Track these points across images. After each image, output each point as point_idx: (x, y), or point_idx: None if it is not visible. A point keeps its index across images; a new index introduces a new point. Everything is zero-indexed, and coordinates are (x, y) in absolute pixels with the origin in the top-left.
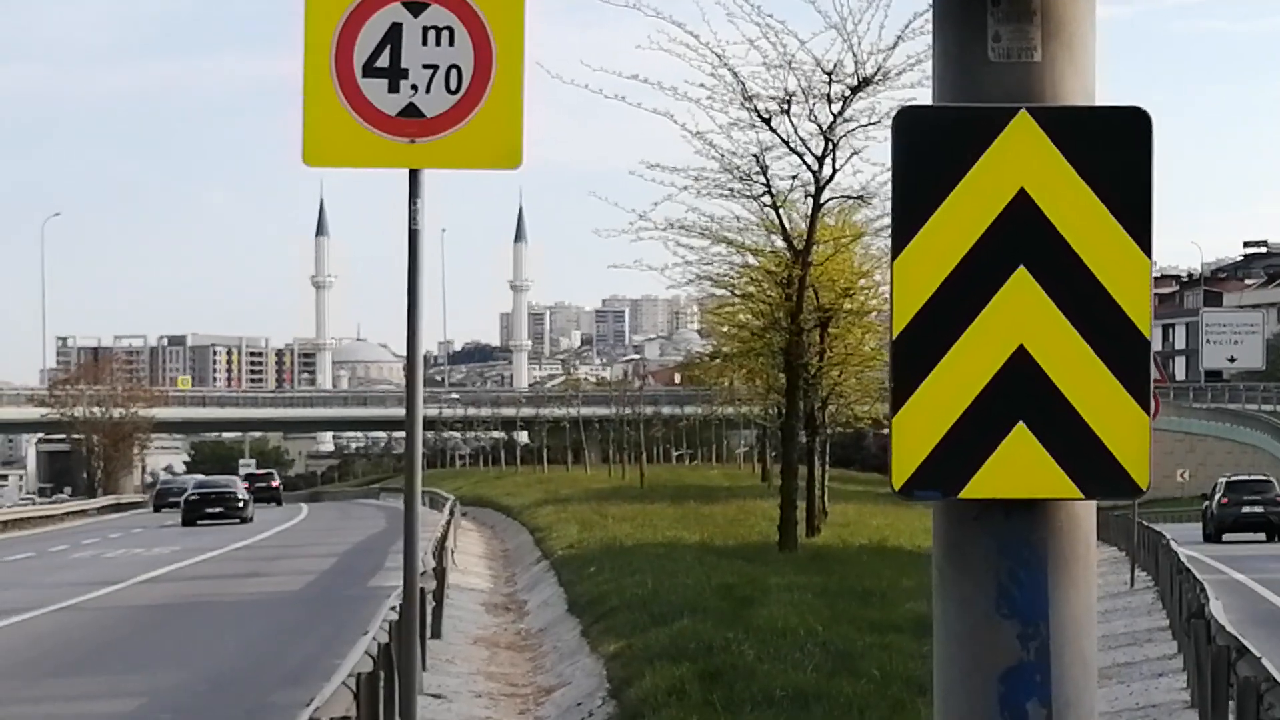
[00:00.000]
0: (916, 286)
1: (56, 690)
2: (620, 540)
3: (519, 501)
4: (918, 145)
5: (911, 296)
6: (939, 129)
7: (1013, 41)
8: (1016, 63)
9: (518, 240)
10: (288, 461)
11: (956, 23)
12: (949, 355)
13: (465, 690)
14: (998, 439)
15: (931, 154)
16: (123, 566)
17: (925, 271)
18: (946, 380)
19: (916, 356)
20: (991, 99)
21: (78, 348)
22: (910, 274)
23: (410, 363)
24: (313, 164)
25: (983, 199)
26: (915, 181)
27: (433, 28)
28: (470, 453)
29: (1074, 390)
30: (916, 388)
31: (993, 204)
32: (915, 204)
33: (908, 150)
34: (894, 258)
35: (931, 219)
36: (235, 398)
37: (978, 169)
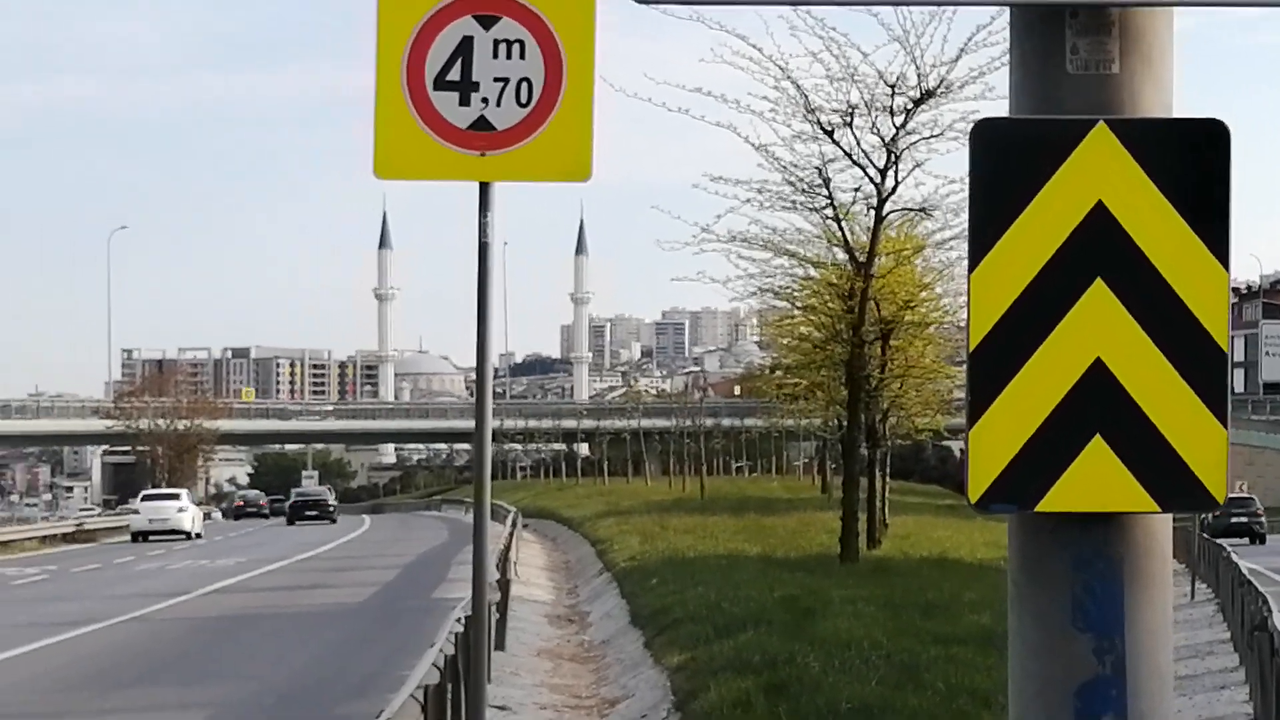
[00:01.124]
0: (994, 299)
1: (124, 702)
2: (682, 552)
3: (580, 513)
4: (996, 157)
5: (989, 309)
6: (1017, 141)
7: (1091, 53)
8: (1095, 74)
9: (579, 253)
10: (350, 473)
11: (1035, 35)
12: (1026, 368)
13: (530, 702)
14: (1074, 452)
15: (1009, 166)
16: (188, 578)
17: (1003, 284)
18: (1023, 393)
19: (994, 369)
20: (1070, 111)
21: (143, 360)
22: (988, 286)
23: (480, 375)
24: (384, 176)
25: (1060, 211)
26: (993, 193)
27: (504, 41)
28: (531, 465)
29: (1151, 403)
30: (993, 400)
31: (1070, 216)
32: (993, 216)
33: (986, 162)
34: (971, 270)
35: (1009, 231)
36: (298, 410)
37: (1055, 181)
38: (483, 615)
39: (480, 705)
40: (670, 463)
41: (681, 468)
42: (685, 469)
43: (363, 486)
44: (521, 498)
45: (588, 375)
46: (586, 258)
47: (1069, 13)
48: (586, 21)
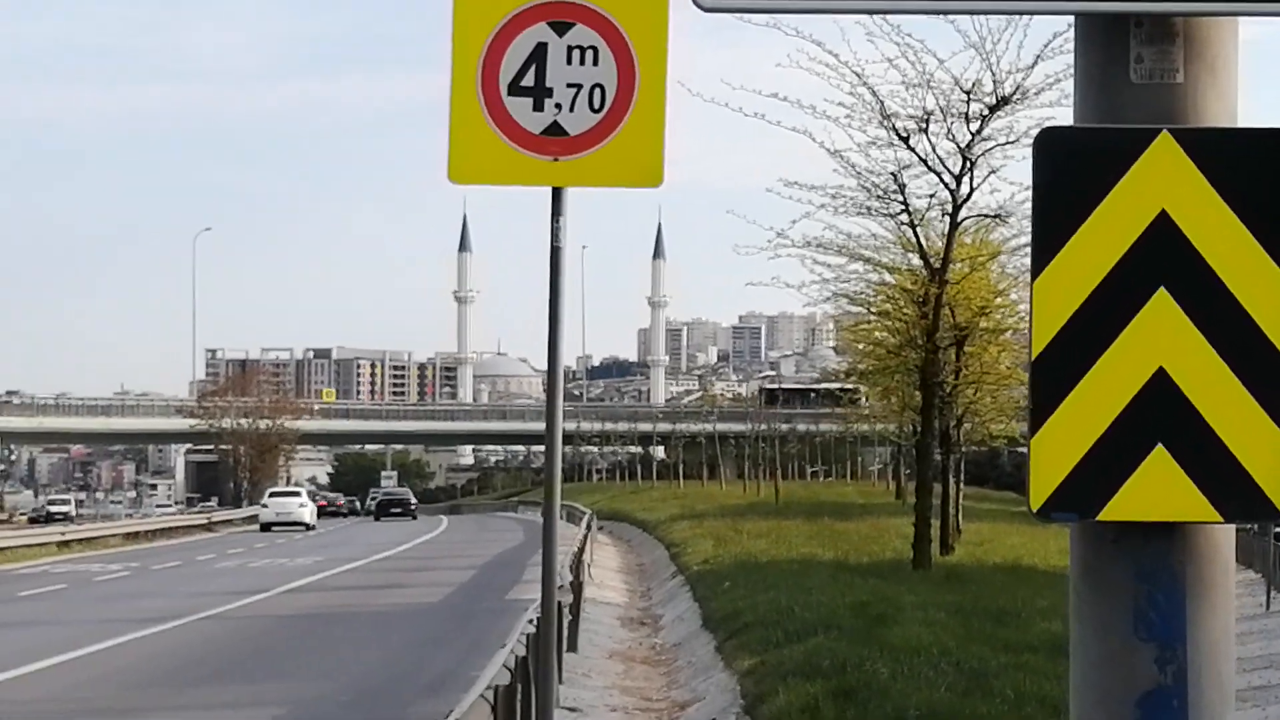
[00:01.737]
0: (1056, 307)
1: (200, 699)
2: (755, 556)
3: (655, 516)
4: (1059, 166)
5: (1051, 317)
6: (1080, 150)
7: (1155, 62)
8: (1159, 84)
9: (656, 257)
10: (428, 474)
11: (1099, 44)
12: (1088, 377)
13: (600, 704)
14: (1136, 461)
15: (1072, 175)
16: (267, 576)
17: (1065, 292)
18: (1086, 402)
19: (1056, 378)
20: (1133, 120)
21: (226, 360)
22: (1050, 295)
23: (551, 378)
24: (458, 181)
25: (1124, 220)
26: (1056, 202)
27: (577, 47)
28: (607, 467)
29: (1214, 413)
30: (1055, 409)
31: (1134, 225)
32: (1056, 224)
33: (1049, 171)
34: (1034, 278)
35: (1072, 240)
36: (378, 410)
37: (1119, 190)
38: (552, 616)
39: (549, 706)
40: (745, 467)
41: (756, 472)
42: (760, 473)
43: (441, 487)
44: (597, 500)
45: (664, 379)
46: (664, 262)
47: (1133, 22)
48: (659, 28)
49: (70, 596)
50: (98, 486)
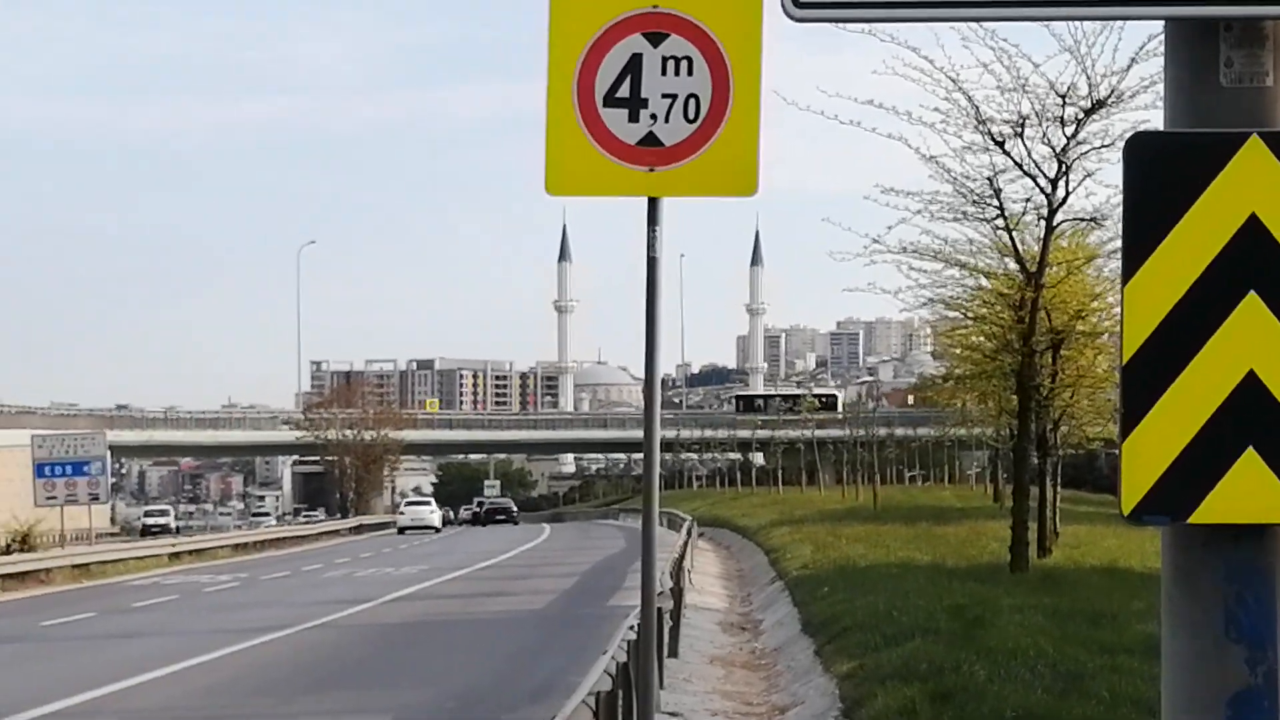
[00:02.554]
0: (1147, 311)
1: (309, 706)
2: (853, 561)
3: (754, 522)
4: (1149, 170)
5: (1142, 321)
6: (1171, 154)
7: (1245, 67)
8: (1248, 88)
9: (754, 264)
10: (531, 482)
11: (1189, 49)
12: (1179, 380)
13: (701, 708)
14: (1227, 464)
15: (1163, 179)
16: (373, 585)
17: (1156, 296)
18: (1177, 405)
19: (1147, 381)
20: (1223, 124)
21: (331, 372)
22: (1141, 299)
23: (649, 386)
24: (555, 193)
25: (1214, 224)
26: (1147, 206)
27: (672, 58)
28: (707, 474)
29: None
30: (1146, 413)
31: (1224, 229)
32: (1146, 229)
33: (1139, 175)
34: (1124, 282)
35: (1163, 244)
36: (481, 420)
37: (1209, 194)
38: (652, 622)
39: (650, 711)
40: (844, 472)
41: (855, 477)
42: (858, 478)
43: (543, 495)
44: (697, 506)
45: (763, 385)
46: (762, 269)
47: (1223, 26)
48: (753, 38)
49: (181, 607)
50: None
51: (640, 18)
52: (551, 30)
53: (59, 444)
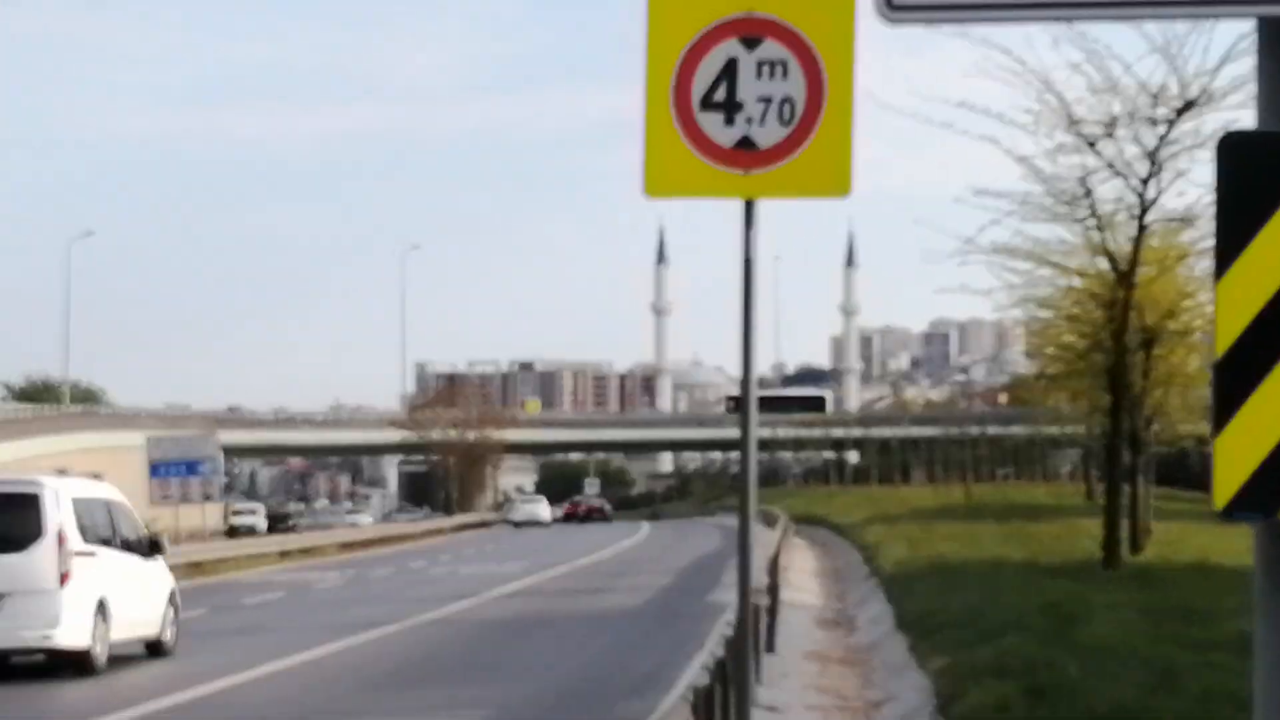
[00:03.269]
0: (1239, 309)
1: (413, 701)
2: (947, 558)
3: (849, 520)
4: (1241, 169)
5: (1234, 319)
6: (1262, 153)
7: None
8: None
9: (848, 265)
10: (629, 481)
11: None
12: (1271, 378)
13: (798, 704)
14: None
15: (1255, 178)
16: (476, 582)
17: (1248, 294)
18: (1268, 402)
19: (1238, 379)
20: None
21: (435, 374)
22: (1233, 297)
23: (744, 386)
24: (653, 195)
25: None
26: (1238, 205)
27: (767, 62)
28: (802, 472)
29: None
30: (1238, 410)
31: None
32: (1238, 227)
33: (1231, 174)
34: (1217, 280)
35: (1254, 242)
36: (581, 420)
37: None
38: (748, 619)
39: (747, 706)
40: (937, 470)
41: (948, 475)
42: (951, 476)
43: (641, 494)
44: (792, 504)
45: (857, 385)
46: (856, 270)
47: None
48: (847, 41)
49: (290, 604)
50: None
51: (736, 23)
52: (649, 36)
53: (173, 445)
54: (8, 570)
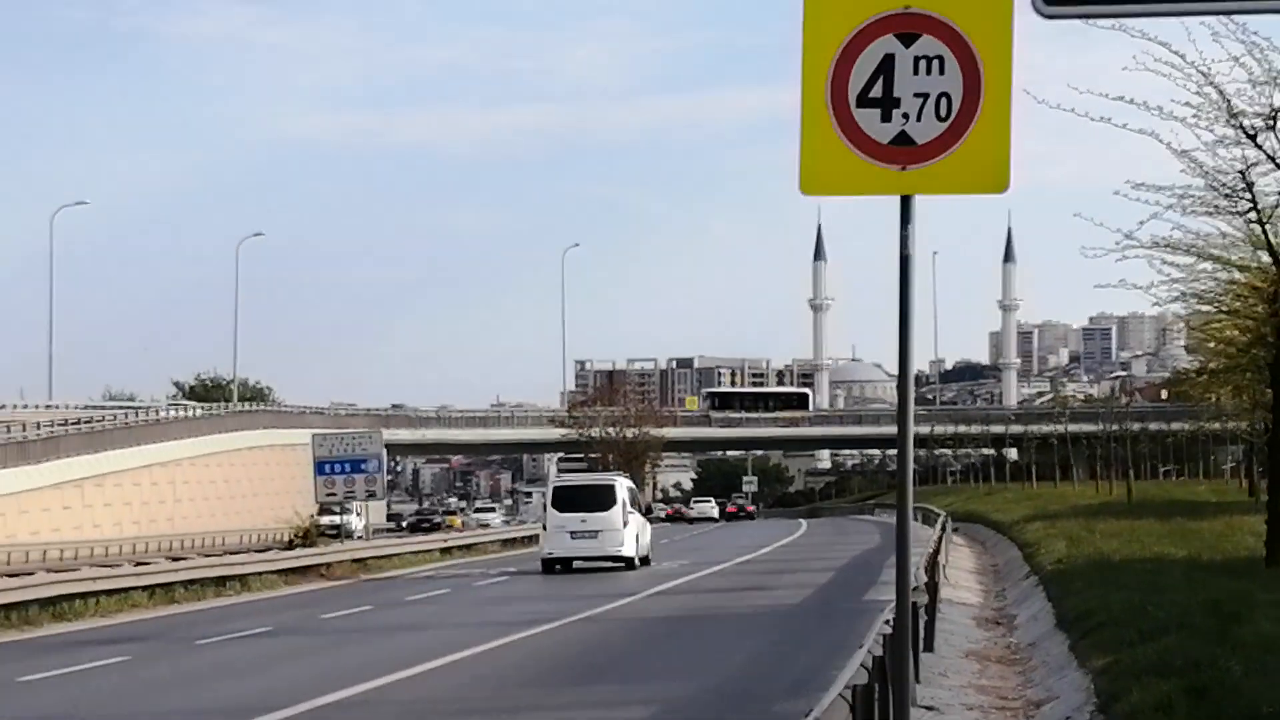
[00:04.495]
0: None
1: (575, 697)
2: (1107, 556)
3: (1008, 517)
4: None
5: None
6: None
7: None
8: None
9: (1007, 260)
10: (787, 478)
11: None
12: None
13: (957, 703)
14: None
15: None
16: (635, 580)
17: None
18: None
19: None
20: None
21: (594, 371)
22: None
23: (902, 383)
24: (809, 193)
25: None
26: None
27: (924, 57)
28: (961, 469)
29: None
30: None
31: None
32: None
33: None
34: None
35: None
36: (739, 418)
37: None
38: (906, 617)
39: (906, 705)
40: (1097, 467)
41: (1108, 472)
42: (1112, 473)
43: (799, 491)
44: (951, 502)
45: (1016, 381)
46: (1015, 265)
47: None
48: (1004, 36)
49: (452, 600)
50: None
51: (892, 18)
52: (805, 33)
53: (338, 443)
54: (601, 519)
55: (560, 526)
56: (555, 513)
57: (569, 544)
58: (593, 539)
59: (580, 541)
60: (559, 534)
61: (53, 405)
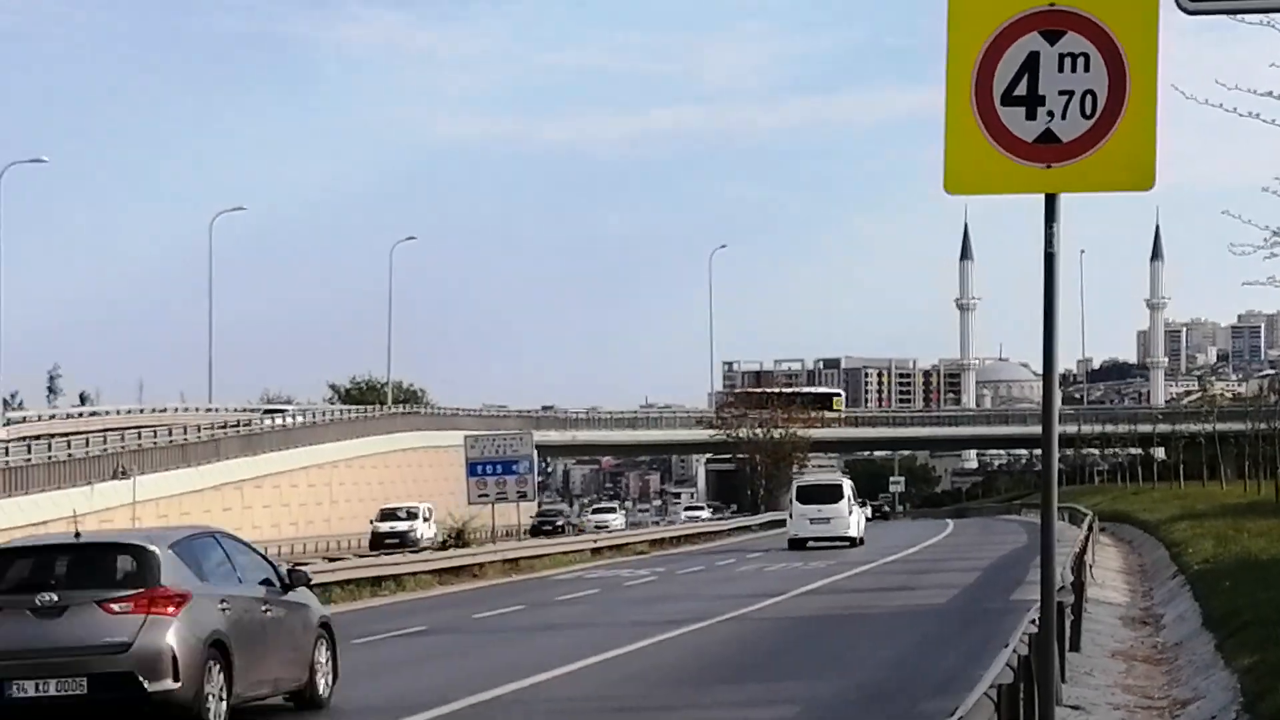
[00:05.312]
0: None
1: (724, 696)
2: (1255, 555)
3: (1155, 517)
4: None
5: None
6: None
7: None
8: None
9: (1154, 259)
10: (934, 478)
11: None
12: None
13: (1103, 702)
14: None
15: None
16: (783, 579)
17: None
18: None
19: None
20: None
21: (742, 372)
22: None
23: (1046, 382)
24: (954, 192)
25: None
26: None
27: (1069, 55)
28: (1108, 469)
29: None
30: None
31: None
32: None
33: None
34: None
35: None
36: (885, 417)
37: None
38: (1051, 616)
39: (1049, 704)
40: (1245, 466)
41: (1256, 471)
42: (1261, 472)
43: (945, 491)
44: (1098, 501)
45: (1163, 380)
46: (1162, 263)
47: None
48: (1150, 33)
49: (602, 600)
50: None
51: (1037, 16)
52: (950, 32)
53: (490, 444)
54: (833, 509)
55: (802, 515)
56: (798, 505)
57: (809, 528)
58: (826, 524)
59: (817, 526)
60: (801, 520)
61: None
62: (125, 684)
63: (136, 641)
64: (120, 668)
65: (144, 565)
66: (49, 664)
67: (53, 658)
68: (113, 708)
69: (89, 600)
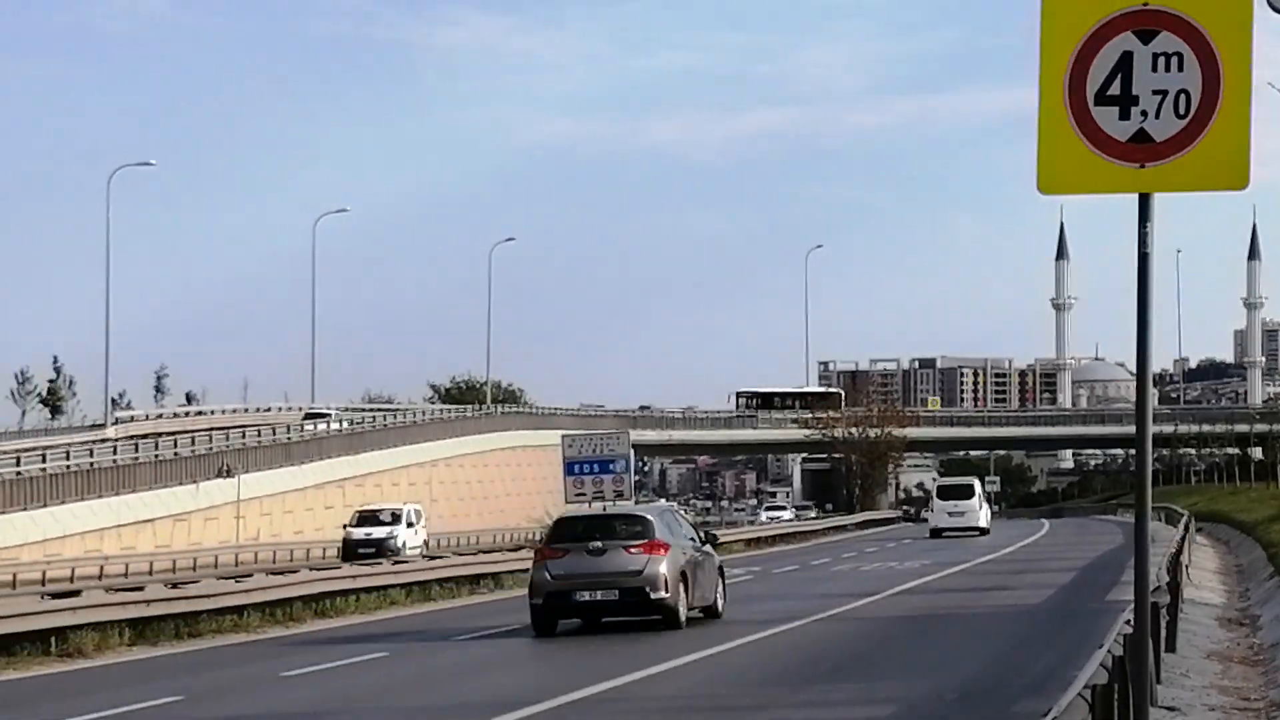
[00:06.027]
0: None
1: (818, 695)
2: None
3: (1252, 517)
4: None
5: None
6: None
7: None
8: None
9: (1251, 258)
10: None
11: None
12: None
13: (1198, 704)
14: None
15: None
16: (878, 579)
17: None
18: None
19: None
20: None
21: (837, 371)
22: None
23: (1140, 383)
24: (1047, 192)
25: None
26: None
27: (1162, 54)
28: (1204, 469)
29: None
30: None
31: None
32: None
33: None
34: None
35: None
36: (980, 417)
37: None
38: (1145, 617)
39: (1144, 705)
40: None
41: None
42: None
43: (1041, 491)
44: (1194, 502)
45: (1261, 379)
46: (1259, 263)
47: None
48: (1244, 32)
49: None
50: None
51: (1131, 16)
52: (1043, 32)
53: (587, 443)
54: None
55: (942, 509)
56: (938, 500)
57: (947, 520)
58: (961, 517)
59: (954, 518)
60: (941, 514)
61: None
62: (639, 594)
63: (644, 570)
64: (636, 584)
65: (646, 526)
66: (598, 581)
67: (599, 578)
68: (632, 607)
69: (618, 546)
